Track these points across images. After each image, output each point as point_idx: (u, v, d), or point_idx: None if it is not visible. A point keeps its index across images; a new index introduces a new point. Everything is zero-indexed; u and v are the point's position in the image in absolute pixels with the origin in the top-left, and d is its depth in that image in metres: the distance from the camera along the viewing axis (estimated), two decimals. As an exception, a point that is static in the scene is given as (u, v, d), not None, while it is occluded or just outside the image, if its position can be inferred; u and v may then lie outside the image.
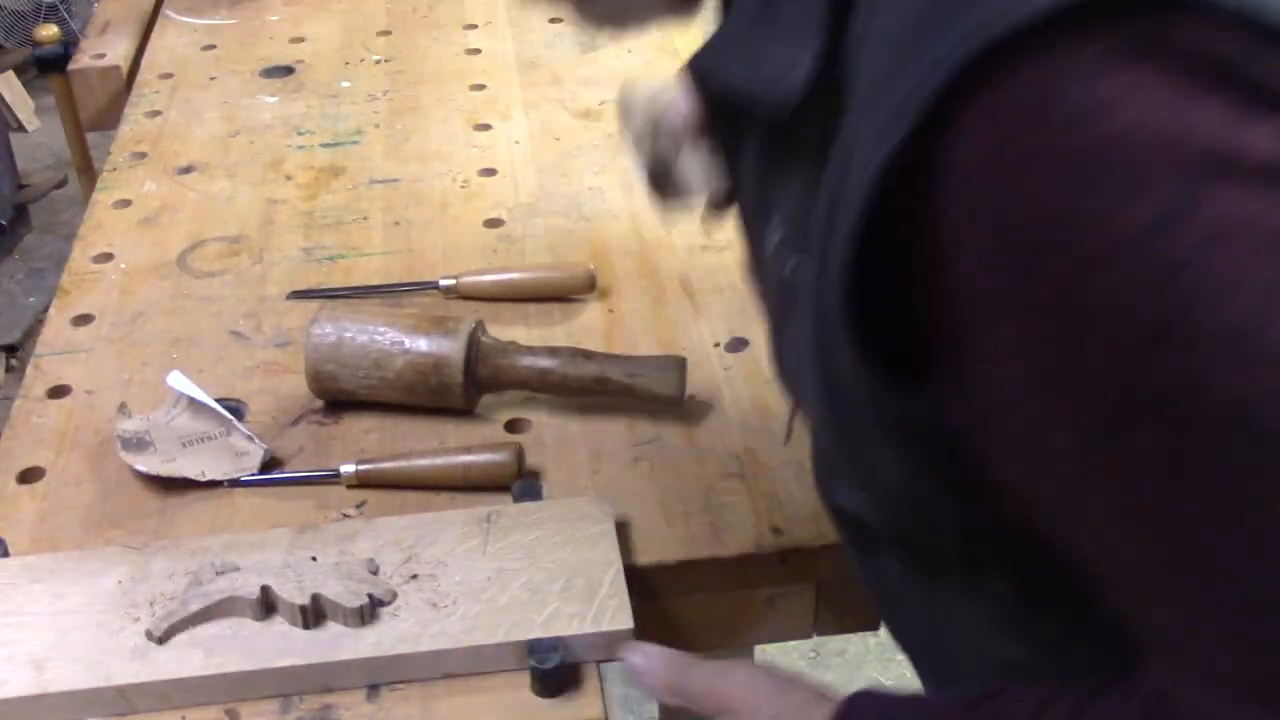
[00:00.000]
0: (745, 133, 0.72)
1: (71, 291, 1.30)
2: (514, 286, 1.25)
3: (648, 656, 0.84)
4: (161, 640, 0.88)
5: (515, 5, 1.86)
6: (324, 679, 0.88)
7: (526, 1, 0.80)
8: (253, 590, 0.90)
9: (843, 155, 0.57)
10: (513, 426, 1.10)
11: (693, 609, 0.99)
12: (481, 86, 1.65)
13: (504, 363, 1.09)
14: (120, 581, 0.93)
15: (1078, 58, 0.47)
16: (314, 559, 0.93)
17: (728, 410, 1.11)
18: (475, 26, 1.81)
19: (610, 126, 1.54)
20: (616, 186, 1.42)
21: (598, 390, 1.09)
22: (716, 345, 1.19)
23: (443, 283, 1.25)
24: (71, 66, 1.75)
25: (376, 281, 1.28)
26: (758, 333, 1.19)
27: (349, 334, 1.09)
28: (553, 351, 1.10)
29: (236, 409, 1.13)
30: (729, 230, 1.32)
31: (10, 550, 0.98)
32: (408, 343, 1.09)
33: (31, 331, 3.28)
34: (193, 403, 1.08)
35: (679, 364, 1.09)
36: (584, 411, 1.11)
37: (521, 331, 1.20)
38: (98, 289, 1.30)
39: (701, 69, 0.69)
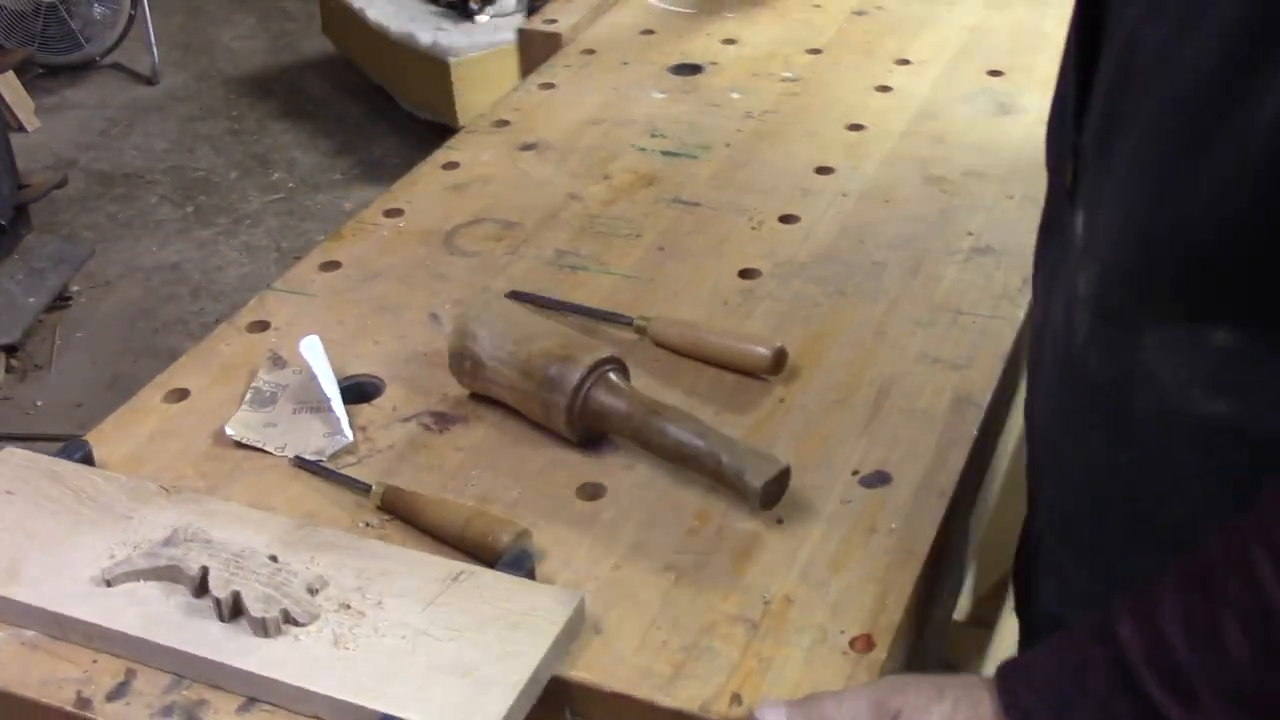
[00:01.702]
0: None
1: (345, 238, 1.37)
2: (698, 346, 1.17)
3: (776, 710, 0.82)
4: (109, 584, 0.92)
5: (966, 46, 1.71)
6: (210, 675, 0.88)
7: None
8: (193, 567, 0.91)
9: None
10: (588, 491, 1.04)
11: (616, 746, 0.89)
12: (860, 127, 1.54)
13: (608, 401, 1.04)
14: (130, 518, 0.98)
15: None
16: (273, 558, 0.93)
17: (805, 547, 0.98)
18: (907, 63, 1.69)
19: (952, 201, 1.39)
20: (902, 264, 1.29)
21: (687, 458, 1.01)
22: (854, 473, 1.04)
23: (636, 321, 1.20)
24: (524, 26, 1.82)
25: (597, 301, 1.25)
26: (908, 474, 1.04)
27: (511, 313, 1.11)
28: (661, 408, 1.02)
29: (370, 386, 1.15)
30: (963, 346, 1.17)
31: (99, 460, 1.06)
32: (556, 335, 1.08)
33: (31, 331, 3.32)
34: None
35: (780, 466, 0.98)
36: (663, 498, 1.02)
37: (677, 395, 1.12)
38: (364, 241, 1.36)
39: None
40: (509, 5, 3.98)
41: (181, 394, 1.15)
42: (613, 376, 1.06)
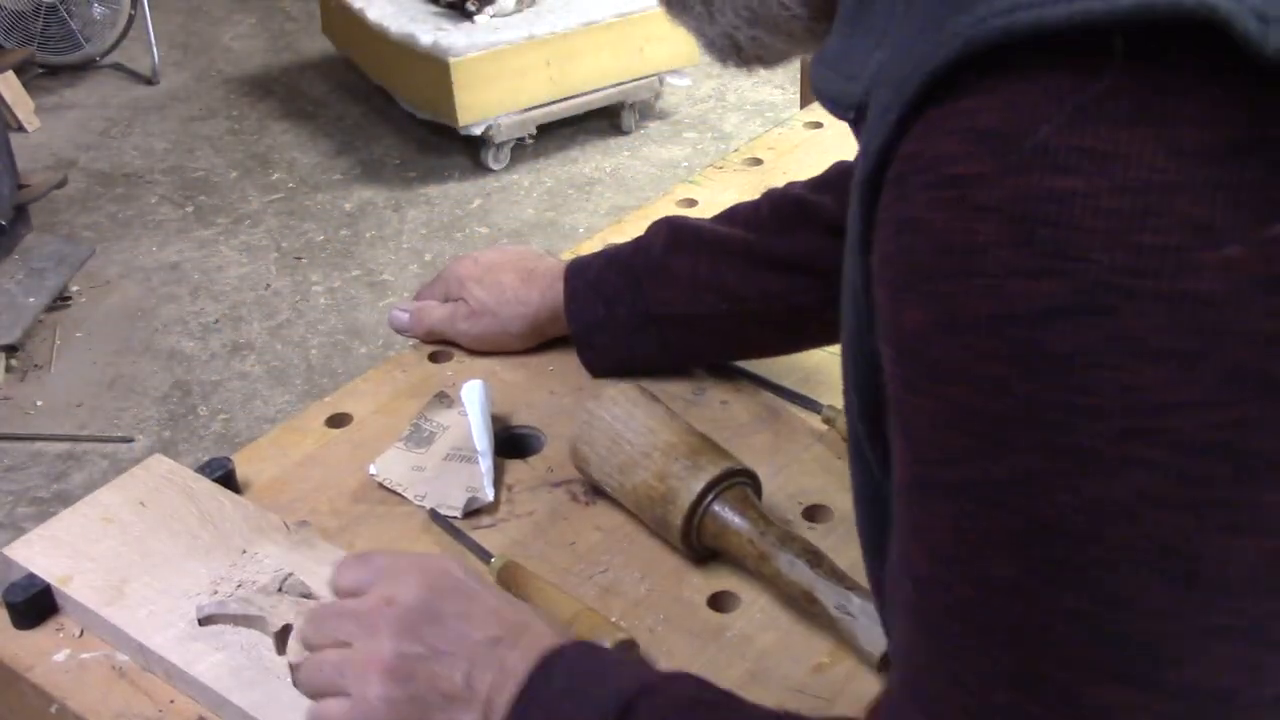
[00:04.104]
0: None
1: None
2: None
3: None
4: (201, 622, 0.90)
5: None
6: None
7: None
8: (278, 624, 0.88)
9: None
10: (720, 600, 0.95)
11: None
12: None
13: (729, 529, 0.94)
14: (244, 551, 0.95)
15: (1082, 88, 0.46)
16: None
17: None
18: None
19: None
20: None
21: (805, 606, 0.90)
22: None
23: (825, 410, 1.09)
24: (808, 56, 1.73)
25: (797, 377, 1.14)
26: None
27: (617, 425, 1.00)
28: (783, 540, 0.92)
29: (530, 440, 1.09)
30: None
31: (242, 478, 1.04)
32: (653, 461, 0.97)
33: (31, 331, 3.21)
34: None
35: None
36: (799, 622, 0.92)
37: (848, 500, 1.01)
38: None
39: (812, 78, 0.66)
40: (508, 6, 3.91)
41: (343, 419, 1.12)
42: (732, 497, 0.95)
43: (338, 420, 1.12)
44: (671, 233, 1.11)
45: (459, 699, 0.73)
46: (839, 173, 1.11)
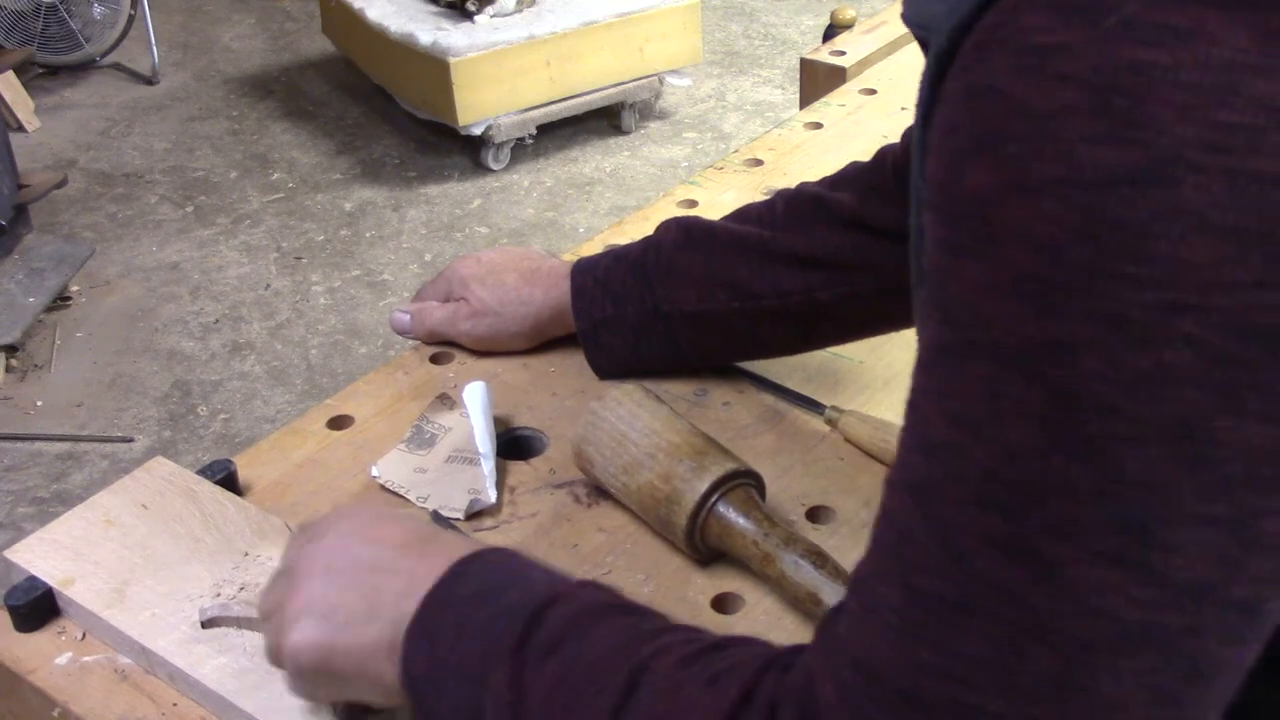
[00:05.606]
0: None
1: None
2: (887, 450, 1.05)
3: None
4: (204, 625, 0.89)
5: None
6: (276, 744, 0.84)
7: None
8: (279, 625, 0.87)
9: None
10: (724, 602, 0.95)
11: None
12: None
13: (733, 530, 0.93)
14: (247, 554, 0.95)
15: None
16: (366, 628, 0.88)
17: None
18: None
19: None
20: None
21: (810, 607, 0.90)
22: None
23: (828, 411, 1.09)
24: (808, 55, 1.73)
25: (798, 379, 1.14)
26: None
27: (621, 426, 0.99)
28: (788, 541, 0.91)
29: (532, 442, 1.09)
30: None
31: (243, 481, 1.04)
32: (658, 462, 0.96)
33: (31, 331, 3.22)
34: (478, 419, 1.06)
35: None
36: (805, 623, 0.92)
37: (852, 502, 1.01)
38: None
39: (906, 11, 0.67)
40: (508, 5, 3.90)
41: (344, 421, 1.12)
42: (735, 498, 0.94)
43: (339, 422, 1.12)
44: (683, 230, 1.10)
45: (366, 612, 0.75)
46: (856, 170, 1.10)
